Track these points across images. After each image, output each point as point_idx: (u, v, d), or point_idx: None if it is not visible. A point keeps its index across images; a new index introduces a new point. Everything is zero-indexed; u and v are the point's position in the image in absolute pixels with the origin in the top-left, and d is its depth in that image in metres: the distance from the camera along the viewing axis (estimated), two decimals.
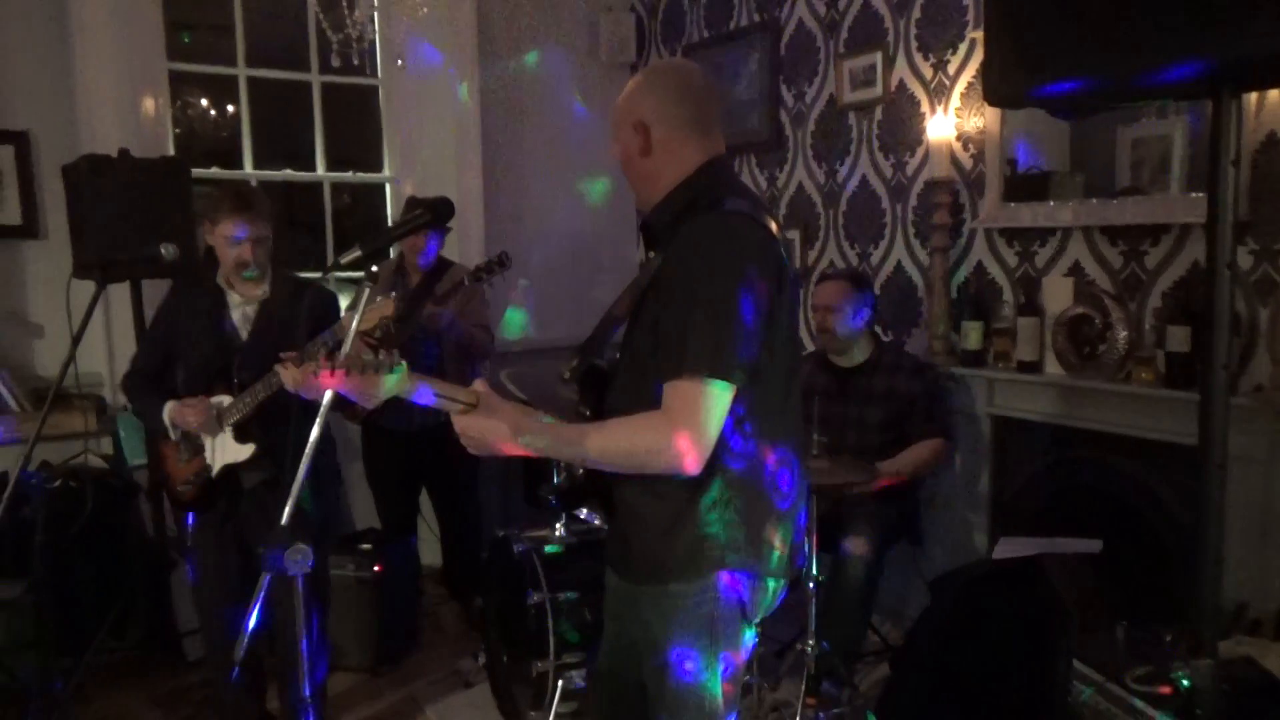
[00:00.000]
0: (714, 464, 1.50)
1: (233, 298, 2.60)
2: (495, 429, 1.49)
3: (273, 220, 2.57)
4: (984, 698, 2.44)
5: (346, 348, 1.75)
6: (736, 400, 1.48)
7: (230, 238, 2.49)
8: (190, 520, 2.67)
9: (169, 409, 2.54)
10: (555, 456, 1.56)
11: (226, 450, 2.54)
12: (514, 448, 1.50)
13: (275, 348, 2.34)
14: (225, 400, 2.52)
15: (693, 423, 1.43)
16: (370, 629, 3.34)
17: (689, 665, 1.58)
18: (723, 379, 1.43)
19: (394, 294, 2.21)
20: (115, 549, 3.33)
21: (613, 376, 1.66)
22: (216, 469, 2.55)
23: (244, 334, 2.58)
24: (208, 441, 2.57)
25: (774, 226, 1.59)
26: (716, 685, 1.60)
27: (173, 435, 2.59)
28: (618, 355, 1.66)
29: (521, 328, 4.61)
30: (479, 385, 1.54)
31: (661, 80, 1.63)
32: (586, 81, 4.64)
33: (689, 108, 1.61)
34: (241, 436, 2.52)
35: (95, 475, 3.30)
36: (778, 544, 1.60)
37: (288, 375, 2.31)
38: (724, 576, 1.56)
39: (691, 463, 1.44)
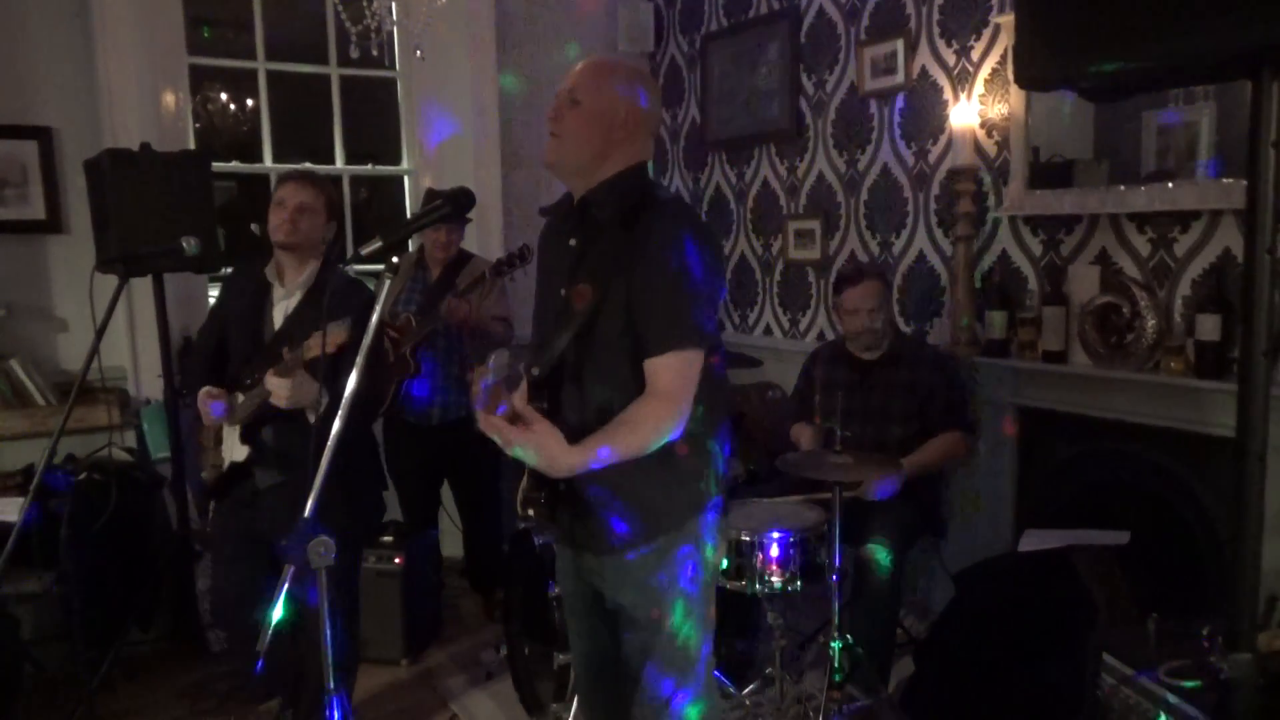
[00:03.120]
0: None
1: (277, 292, 2.54)
2: (549, 447, 1.57)
3: (329, 205, 2.52)
4: (1010, 691, 2.41)
5: (366, 342, 1.73)
6: None
7: (275, 203, 2.47)
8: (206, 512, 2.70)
9: (200, 394, 2.54)
10: (583, 469, 1.62)
11: (234, 447, 2.53)
12: (567, 461, 1.58)
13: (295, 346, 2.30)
14: (239, 397, 2.49)
15: (686, 393, 1.64)
16: (393, 621, 3.35)
17: (683, 607, 1.75)
18: (703, 346, 1.66)
19: (346, 322, 2.13)
20: (140, 541, 3.35)
21: (564, 367, 1.72)
22: (226, 463, 2.56)
23: (275, 330, 2.52)
24: (225, 434, 2.58)
25: None
26: (705, 620, 1.79)
27: (205, 420, 2.60)
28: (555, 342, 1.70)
29: None
30: (518, 402, 1.62)
31: (654, 85, 1.85)
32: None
33: (659, 115, 1.88)
34: (244, 437, 2.50)
35: (120, 468, 3.33)
36: (721, 460, 1.80)
37: (272, 385, 2.28)
38: (705, 515, 1.76)
39: (681, 428, 1.65)
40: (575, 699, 2.65)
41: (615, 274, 1.65)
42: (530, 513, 1.76)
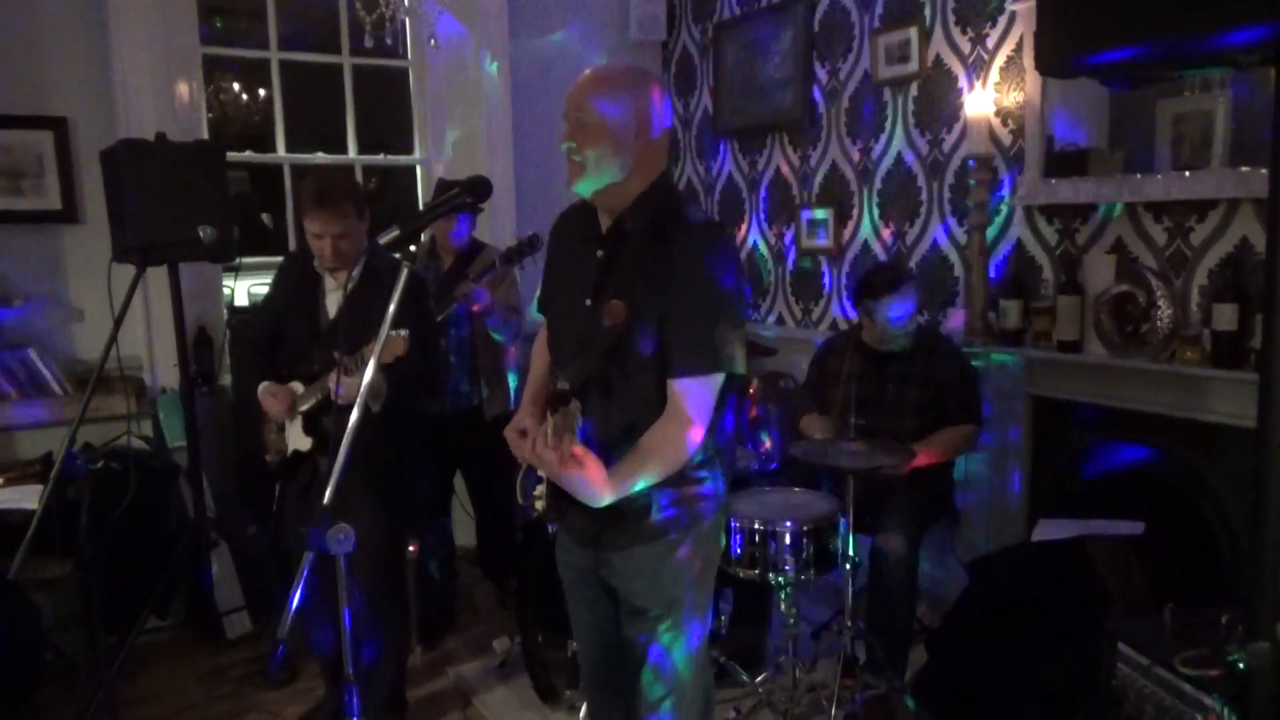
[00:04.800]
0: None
1: (329, 282, 2.59)
2: (596, 484, 1.59)
3: (358, 209, 2.49)
4: (1024, 681, 2.41)
5: (369, 374, 1.73)
6: None
7: (311, 233, 2.48)
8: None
9: (260, 390, 2.57)
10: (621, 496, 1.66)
11: (297, 437, 2.59)
12: (608, 494, 1.62)
13: (352, 338, 2.33)
14: (300, 388, 2.54)
15: (708, 415, 1.67)
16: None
17: (689, 596, 1.80)
18: (727, 369, 1.66)
19: (404, 333, 2.17)
20: (157, 529, 3.38)
21: (590, 381, 1.71)
22: (289, 451, 2.62)
23: (331, 318, 2.56)
24: (288, 423, 2.62)
25: None
26: (706, 606, 1.87)
27: (268, 414, 2.65)
28: (587, 357, 1.71)
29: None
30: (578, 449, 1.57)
31: (659, 83, 1.79)
32: (617, 60, 4.61)
33: (671, 111, 1.86)
34: (307, 427, 2.54)
35: (137, 457, 3.35)
36: (728, 457, 1.87)
37: (344, 385, 2.25)
38: (713, 511, 1.81)
39: (697, 448, 1.68)
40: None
41: (647, 291, 1.64)
42: (538, 508, 1.79)
